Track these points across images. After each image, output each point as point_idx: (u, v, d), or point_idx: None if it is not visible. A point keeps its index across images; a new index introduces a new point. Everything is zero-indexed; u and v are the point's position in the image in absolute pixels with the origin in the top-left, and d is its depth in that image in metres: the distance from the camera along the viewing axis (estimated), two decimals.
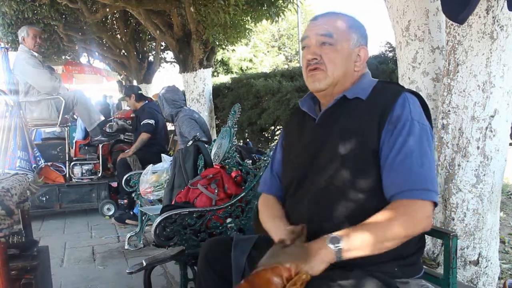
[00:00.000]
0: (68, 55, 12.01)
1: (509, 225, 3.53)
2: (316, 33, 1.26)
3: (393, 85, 1.30)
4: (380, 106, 1.20)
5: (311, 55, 1.26)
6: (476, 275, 2.05)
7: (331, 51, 1.24)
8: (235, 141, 2.70)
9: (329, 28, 1.25)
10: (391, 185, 1.12)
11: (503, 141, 2.00)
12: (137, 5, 5.68)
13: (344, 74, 1.26)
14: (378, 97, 1.23)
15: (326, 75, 1.25)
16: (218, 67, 15.99)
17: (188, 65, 6.19)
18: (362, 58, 1.29)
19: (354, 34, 1.27)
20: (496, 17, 1.86)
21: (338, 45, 1.24)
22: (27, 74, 4.25)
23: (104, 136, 4.70)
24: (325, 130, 1.26)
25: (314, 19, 1.32)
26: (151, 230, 2.06)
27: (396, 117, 1.16)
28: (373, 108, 1.20)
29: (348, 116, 1.23)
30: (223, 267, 1.35)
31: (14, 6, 6.63)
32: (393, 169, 1.12)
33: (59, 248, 3.54)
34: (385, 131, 1.16)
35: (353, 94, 1.26)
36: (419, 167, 1.10)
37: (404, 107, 1.17)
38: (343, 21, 1.28)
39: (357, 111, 1.23)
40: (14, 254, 1.54)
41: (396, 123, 1.15)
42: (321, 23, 1.27)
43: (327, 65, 1.25)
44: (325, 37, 1.25)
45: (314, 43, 1.26)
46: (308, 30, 1.30)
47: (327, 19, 1.28)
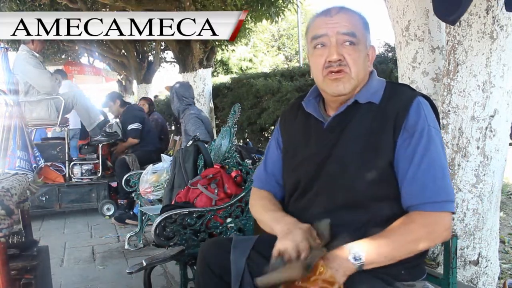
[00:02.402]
0: (68, 55, 12.01)
1: (509, 225, 3.53)
2: (337, 31, 1.15)
3: (404, 88, 1.23)
4: (393, 111, 1.14)
5: (335, 55, 1.15)
6: (476, 275, 2.05)
7: (354, 52, 1.16)
8: (235, 141, 2.70)
9: (350, 27, 1.16)
10: (412, 195, 1.08)
11: (503, 141, 2.00)
12: (137, 5, 5.68)
13: (364, 74, 1.21)
14: (390, 102, 1.17)
15: (350, 78, 1.17)
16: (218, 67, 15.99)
17: (188, 65, 6.20)
18: (371, 58, 1.24)
19: (368, 34, 1.21)
20: (496, 17, 1.86)
21: (360, 45, 1.17)
22: (27, 74, 4.25)
23: (104, 136, 4.71)
24: (335, 135, 1.20)
25: (327, 13, 1.19)
26: (151, 230, 2.06)
27: (411, 124, 1.11)
28: (386, 114, 1.15)
29: (360, 122, 1.18)
30: (222, 268, 1.34)
31: (14, 7, 6.64)
32: (415, 180, 1.08)
33: (59, 248, 3.54)
34: (401, 139, 1.11)
35: (365, 98, 1.19)
36: (441, 179, 1.07)
37: (419, 113, 1.12)
38: (359, 18, 1.20)
39: (369, 116, 1.17)
40: (14, 254, 1.54)
41: (412, 130, 1.10)
42: (340, 20, 1.16)
43: (351, 67, 1.16)
44: (349, 36, 1.15)
45: (335, 43, 1.16)
46: (323, 26, 1.18)
47: (346, 15, 1.18)
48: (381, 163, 1.12)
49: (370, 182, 1.13)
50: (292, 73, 5.84)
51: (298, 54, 16.98)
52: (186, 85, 4.21)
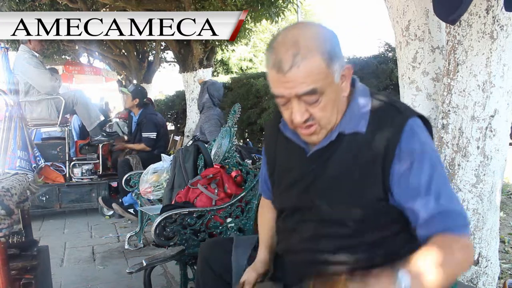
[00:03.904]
0: (68, 55, 12.01)
1: (509, 225, 3.53)
2: (295, 93, 1.01)
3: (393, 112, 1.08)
4: (383, 140, 1.04)
5: (299, 118, 1.03)
6: (476, 275, 2.05)
7: (322, 105, 1.03)
8: (235, 141, 2.70)
9: (309, 82, 0.99)
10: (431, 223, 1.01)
11: (503, 141, 2.00)
12: (137, 5, 5.69)
13: (338, 112, 1.09)
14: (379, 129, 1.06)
15: (322, 128, 1.08)
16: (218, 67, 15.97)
17: (188, 65, 6.20)
18: (347, 77, 1.08)
19: (335, 65, 1.02)
20: (496, 17, 1.86)
21: (326, 92, 1.02)
22: (27, 74, 4.26)
23: (104, 136, 4.71)
24: (319, 165, 1.12)
25: (278, 69, 1.00)
26: (151, 230, 2.06)
27: (408, 151, 1.02)
28: (375, 143, 1.05)
29: (345, 153, 1.09)
30: (222, 268, 1.35)
31: (14, 7, 6.64)
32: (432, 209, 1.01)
33: (59, 248, 3.54)
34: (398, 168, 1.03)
35: (349, 128, 1.08)
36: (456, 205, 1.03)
37: (413, 139, 1.03)
38: (319, 59, 0.99)
39: (355, 146, 1.08)
40: (14, 254, 1.54)
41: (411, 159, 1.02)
42: (294, 78, 0.99)
43: (320, 120, 1.05)
44: (310, 95, 1.01)
45: (296, 103, 1.03)
46: (278, 85, 1.02)
47: (299, 71, 0.99)
48: (368, 194, 1.06)
49: (355, 214, 1.08)
50: None
51: None
52: (218, 86, 4.34)
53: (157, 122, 4.63)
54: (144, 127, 4.51)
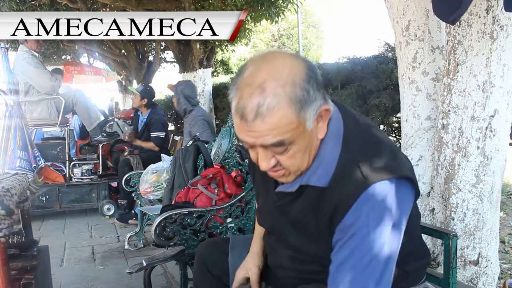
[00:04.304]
0: (68, 55, 12.01)
1: (509, 225, 3.53)
2: (260, 143, 0.93)
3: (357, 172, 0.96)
4: (334, 203, 0.98)
5: (265, 165, 0.97)
6: (476, 275, 2.05)
7: (290, 153, 0.95)
8: (235, 141, 2.70)
9: (275, 135, 0.90)
10: None
11: (503, 141, 2.00)
12: (137, 5, 5.69)
13: (309, 158, 1.00)
14: (339, 187, 0.98)
15: (291, 173, 1.01)
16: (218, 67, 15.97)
17: (188, 65, 6.20)
18: (324, 118, 0.98)
19: (308, 111, 0.91)
20: (496, 17, 1.86)
21: (294, 143, 0.94)
22: (27, 74, 4.26)
23: (104, 136, 4.71)
24: (283, 204, 1.11)
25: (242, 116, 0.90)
26: (151, 230, 2.06)
27: (347, 225, 0.96)
28: (329, 201, 0.99)
29: (306, 200, 1.04)
30: (219, 269, 1.34)
31: (14, 6, 6.64)
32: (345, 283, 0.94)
33: (59, 248, 3.54)
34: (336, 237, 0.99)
35: (312, 180, 1.01)
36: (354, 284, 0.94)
37: (360, 213, 0.94)
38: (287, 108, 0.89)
39: (314, 198, 1.02)
40: (14, 254, 1.54)
41: (346, 233, 0.96)
42: (258, 129, 0.90)
43: (288, 167, 0.98)
44: (276, 146, 0.93)
45: (262, 151, 0.95)
46: (243, 133, 0.94)
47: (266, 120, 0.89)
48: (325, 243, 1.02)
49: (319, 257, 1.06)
50: None
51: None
52: (191, 85, 4.22)
53: (165, 122, 4.63)
54: (152, 127, 4.50)
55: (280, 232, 1.16)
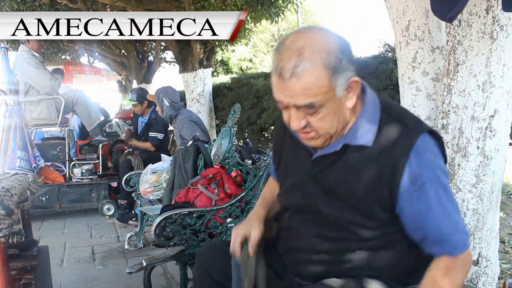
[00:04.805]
0: (68, 55, 12.01)
1: (509, 225, 3.53)
2: (293, 103, 1.01)
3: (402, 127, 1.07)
4: (389, 157, 1.03)
5: (296, 126, 1.05)
6: (476, 275, 2.05)
7: (321, 116, 1.03)
8: (235, 141, 2.70)
9: (308, 96, 0.99)
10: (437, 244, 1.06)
11: (503, 141, 2.00)
12: (137, 5, 5.68)
13: (339, 123, 1.07)
14: (386, 144, 1.05)
15: (320, 136, 1.08)
16: (218, 67, 15.97)
17: (188, 65, 6.20)
18: (354, 89, 1.06)
19: (339, 79, 1.00)
20: (496, 17, 1.86)
21: (326, 104, 1.01)
22: (27, 74, 4.26)
23: (104, 136, 4.71)
24: (322, 170, 1.14)
25: (280, 74, 1.00)
26: (151, 230, 2.06)
27: (415, 175, 1.02)
28: (381, 158, 1.04)
29: (349, 163, 1.09)
30: (222, 275, 1.32)
31: (15, 6, 6.64)
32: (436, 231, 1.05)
33: (59, 248, 3.54)
34: (404, 190, 1.03)
35: (356, 140, 1.08)
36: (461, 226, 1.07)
37: (421, 161, 1.03)
38: (321, 72, 0.98)
39: (361, 159, 1.07)
40: (14, 254, 1.54)
41: (419, 183, 1.02)
42: (293, 89, 0.99)
43: (317, 130, 1.05)
44: (307, 108, 1.01)
45: (295, 112, 1.04)
46: (279, 92, 1.02)
47: (299, 82, 0.98)
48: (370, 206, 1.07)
49: (357, 224, 1.10)
50: None
51: None
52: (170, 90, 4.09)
53: (165, 124, 4.62)
54: (152, 127, 4.50)
55: (310, 205, 1.16)
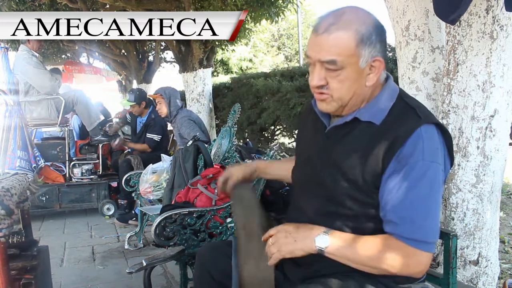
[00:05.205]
0: (68, 55, 12.01)
1: (509, 225, 3.53)
2: (318, 58, 1.10)
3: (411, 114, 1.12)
4: (391, 137, 1.08)
5: (315, 81, 1.12)
6: (476, 275, 2.05)
7: (340, 78, 1.10)
8: (235, 141, 2.70)
9: (332, 53, 1.07)
10: (391, 224, 1.07)
11: (503, 141, 2.00)
12: (137, 5, 5.69)
13: (354, 95, 1.13)
14: (391, 126, 1.11)
15: (332, 101, 1.14)
16: (218, 67, 15.97)
17: (188, 65, 6.20)
18: (377, 69, 1.12)
19: (365, 50, 1.08)
20: (496, 17, 1.86)
21: (346, 68, 1.09)
22: (27, 74, 4.26)
23: (104, 136, 4.70)
24: (332, 142, 1.20)
25: (316, 28, 1.10)
26: (151, 230, 2.06)
27: (405, 155, 1.06)
28: (384, 138, 1.09)
29: (356, 137, 1.15)
30: (222, 274, 1.32)
31: (14, 6, 6.64)
32: (396, 212, 1.06)
33: (59, 248, 3.54)
34: (391, 168, 1.07)
35: (366, 116, 1.14)
36: (422, 220, 1.04)
37: (416, 145, 1.06)
38: (351, 36, 1.07)
39: (367, 134, 1.13)
40: (14, 254, 1.54)
41: (404, 162, 1.06)
42: (323, 44, 1.08)
43: (333, 92, 1.12)
44: (329, 64, 1.09)
45: (317, 67, 1.11)
46: (311, 46, 1.12)
47: (330, 37, 1.07)
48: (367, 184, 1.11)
49: (357, 201, 1.13)
50: (292, 73, 5.84)
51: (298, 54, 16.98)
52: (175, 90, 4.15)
53: (164, 125, 4.62)
54: (150, 129, 4.49)
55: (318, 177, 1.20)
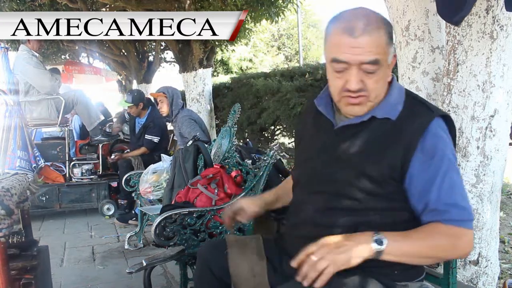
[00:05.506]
0: (68, 55, 12.00)
1: (509, 225, 3.53)
2: (360, 60, 1.07)
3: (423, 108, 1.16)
4: (408, 132, 1.11)
5: (355, 86, 1.09)
6: (476, 275, 2.05)
7: (376, 78, 1.10)
8: (235, 141, 2.70)
9: (375, 52, 1.07)
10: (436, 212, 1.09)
11: (503, 141, 2.00)
12: (137, 5, 5.68)
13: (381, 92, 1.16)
14: (407, 121, 1.13)
15: (368, 101, 1.13)
16: (218, 67, 15.98)
17: (188, 65, 6.20)
18: (391, 65, 1.16)
19: (391, 47, 1.12)
20: (496, 17, 1.86)
21: (382, 67, 1.10)
22: (27, 74, 4.26)
23: (104, 136, 4.70)
24: (343, 139, 1.18)
25: (351, 32, 1.06)
26: (151, 230, 2.06)
27: (430, 147, 1.09)
28: (401, 133, 1.12)
29: (371, 133, 1.15)
30: (222, 270, 1.33)
31: (14, 7, 6.64)
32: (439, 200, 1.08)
33: (59, 248, 3.54)
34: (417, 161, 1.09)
35: (383, 113, 1.15)
36: (463, 201, 1.09)
37: (437, 136, 1.10)
38: (384, 34, 1.08)
39: (382, 130, 1.14)
40: (14, 254, 1.54)
41: (432, 153, 1.09)
42: (364, 44, 1.06)
43: (371, 92, 1.11)
44: (372, 64, 1.08)
45: (356, 72, 1.08)
46: (346, 51, 1.07)
47: (371, 37, 1.06)
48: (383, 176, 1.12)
49: (369, 193, 1.13)
50: (292, 73, 5.83)
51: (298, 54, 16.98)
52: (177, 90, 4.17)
53: (163, 126, 4.61)
54: (149, 130, 4.47)
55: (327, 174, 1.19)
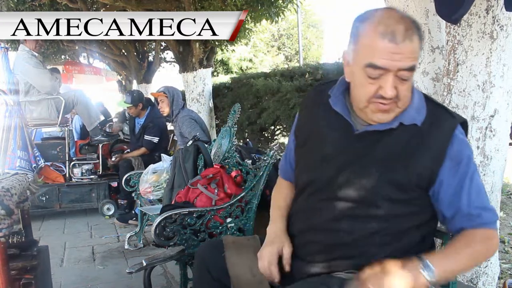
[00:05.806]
0: (68, 55, 12.00)
1: (509, 225, 3.53)
2: (398, 66, 1.03)
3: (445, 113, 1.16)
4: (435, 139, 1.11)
5: (390, 93, 1.05)
6: (476, 275, 2.05)
7: (408, 85, 1.09)
8: (235, 141, 2.70)
9: (412, 59, 1.05)
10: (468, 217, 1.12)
11: (503, 141, 2.00)
12: (137, 5, 5.68)
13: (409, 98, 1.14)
14: (432, 127, 1.12)
15: (397, 108, 1.11)
16: (218, 67, 15.97)
17: (188, 65, 6.20)
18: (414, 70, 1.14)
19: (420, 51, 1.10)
20: (496, 17, 1.86)
21: (412, 75, 1.09)
22: (27, 74, 4.26)
23: (104, 136, 4.70)
24: (367, 145, 1.14)
25: (392, 37, 1.02)
26: (151, 230, 2.06)
27: (457, 153, 1.11)
28: (427, 139, 1.11)
29: (397, 140, 1.12)
30: (220, 271, 1.32)
31: (14, 6, 6.64)
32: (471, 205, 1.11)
33: (59, 248, 3.54)
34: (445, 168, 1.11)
35: (410, 120, 1.12)
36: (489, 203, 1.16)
37: (462, 142, 1.13)
38: (418, 39, 1.05)
39: (407, 136, 1.12)
40: (14, 254, 1.54)
41: (459, 159, 1.11)
42: (405, 51, 1.03)
43: (402, 99, 1.09)
44: (408, 71, 1.05)
45: (392, 79, 1.05)
46: (386, 57, 1.03)
47: (411, 44, 1.03)
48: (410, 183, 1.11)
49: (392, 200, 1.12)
50: (292, 73, 5.83)
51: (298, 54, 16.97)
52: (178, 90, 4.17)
53: (162, 126, 4.61)
54: (148, 130, 4.47)
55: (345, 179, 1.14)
